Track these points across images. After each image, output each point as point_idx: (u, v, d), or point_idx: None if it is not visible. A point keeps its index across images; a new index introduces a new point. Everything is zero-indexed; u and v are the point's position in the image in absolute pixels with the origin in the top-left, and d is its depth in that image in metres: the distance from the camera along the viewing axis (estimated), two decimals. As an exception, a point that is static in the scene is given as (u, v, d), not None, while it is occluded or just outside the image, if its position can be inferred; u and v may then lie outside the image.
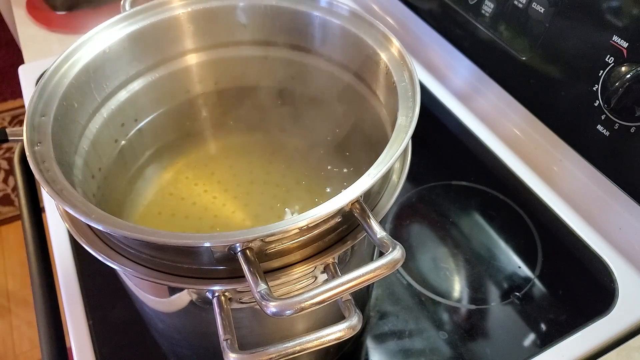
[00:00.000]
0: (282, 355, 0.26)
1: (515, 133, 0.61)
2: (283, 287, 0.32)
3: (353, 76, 0.45)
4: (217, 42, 0.48)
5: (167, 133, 0.49)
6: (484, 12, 0.59)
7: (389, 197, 0.34)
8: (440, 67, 0.71)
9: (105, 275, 0.51)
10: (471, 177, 0.62)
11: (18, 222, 1.58)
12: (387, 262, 0.27)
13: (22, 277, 1.47)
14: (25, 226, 0.56)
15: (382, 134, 0.42)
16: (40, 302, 0.49)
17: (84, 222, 0.33)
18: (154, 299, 0.37)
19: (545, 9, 0.51)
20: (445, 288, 0.52)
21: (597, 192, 0.53)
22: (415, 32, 0.75)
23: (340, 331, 0.27)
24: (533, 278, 0.52)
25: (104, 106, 0.43)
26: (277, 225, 0.27)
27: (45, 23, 0.84)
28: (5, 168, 1.75)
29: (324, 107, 0.49)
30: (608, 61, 0.46)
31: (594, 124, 0.48)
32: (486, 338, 0.48)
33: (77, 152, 0.39)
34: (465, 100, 0.67)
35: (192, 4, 0.45)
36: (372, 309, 0.50)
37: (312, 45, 0.46)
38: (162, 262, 0.31)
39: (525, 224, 0.57)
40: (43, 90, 0.36)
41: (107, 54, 0.41)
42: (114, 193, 0.44)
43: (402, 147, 0.31)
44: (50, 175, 0.31)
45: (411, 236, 0.56)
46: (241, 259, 0.28)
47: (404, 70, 0.37)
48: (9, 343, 1.34)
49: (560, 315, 0.49)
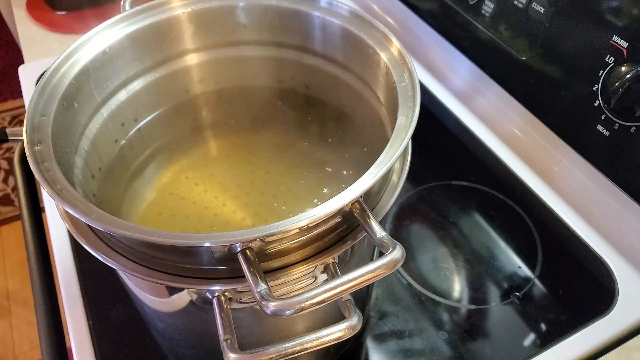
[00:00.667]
0: (282, 355, 0.26)
1: (515, 133, 0.61)
2: (283, 287, 0.32)
3: (353, 76, 0.45)
4: (217, 42, 0.48)
5: (167, 133, 0.49)
6: (484, 12, 0.59)
7: (389, 197, 0.34)
8: (440, 67, 0.71)
9: (105, 275, 0.51)
10: (471, 177, 0.62)
11: (18, 222, 1.58)
12: (387, 262, 0.27)
13: (22, 277, 1.47)
14: (25, 226, 0.56)
15: (382, 134, 0.42)
16: (40, 302, 0.49)
17: (84, 222, 0.33)
18: (154, 299, 0.37)
19: (545, 9, 0.51)
20: (445, 288, 0.52)
21: (597, 192, 0.53)
22: (415, 32, 0.75)
23: (340, 331, 0.27)
24: (533, 278, 0.52)
25: (104, 106, 0.43)
26: (277, 225, 0.27)
27: (45, 23, 0.84)
28: (5, 168, 1.75)
29: (324, 107, 0.49)
30: (608, 61, 0.46)
31: (594, 124, 0.48)
32: (486, 338, 0.48)
33: (77, 152, 0.39)
34: (465, 100, 0.67)
35: (192, 4, 0.45)
36: (372, 309, 0.50)
37: (312, 45, 0.46)
38: (162, 262, 0.31)
39: (525, 224, 0.57)
40: (43, 90, 0.36)
41: (107, 54, 0.41)
42: (114, 193, 0.44)
43: (402, 147, 0.31)
44: (50, 175, 0.31)
45: (411, 236, 0.56)
46: (241, 259, 0.28)
47: (404, 70, 0.37)
48: (9, 343, 1.34)
49: (560, 315, 0.49)
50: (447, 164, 0.65)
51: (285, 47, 0.48)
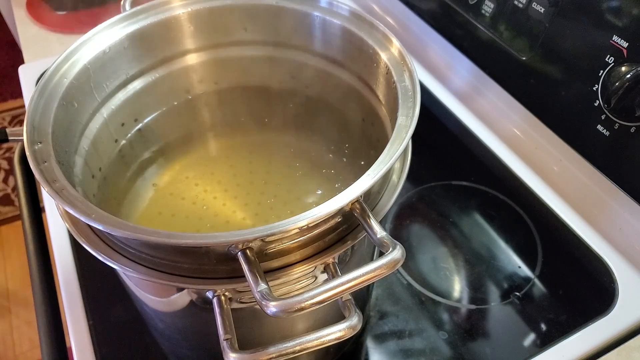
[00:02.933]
0: (282, 355, 0.26)
1: (515, 133, 0.61)
2: (283, 287, 0.32)
3: (353, 76, 0.45)
4: (217, 42, 0.48)
5: (167, 133, 0.49)
6: (484, 12, 0.59)
7: (389, 197, 0.34)
8: (440, 67, 0.71)
9: (105, 275, 0.51)
10: (471, 177, 0.62)
11: (18, 222, 1.58)
12: (387, 262, 0.27)
13: (22, 277, 1.47)
14: (25, 226, 0.56)
15: (382, 134, 0.42)
16: (40, 302, 0.49)
17: (84, 222, 0.33)
18: (154, 299, 0.37)
19: (545, 9, 0.51)
20: (445, 288, 0.52)
21: (597, 192, 0.53)
22: (415, 32, 0.75)
23: (340, 331, 0.27)
24: (533, 278, 0.52)
25: (104, 106, 0.43)
26: (277, 225, 0.27)
27: (45, 23, 0.84)
28: (5, 168, 1.75)
29: (324, 107, 0.49)
30: (608, 61, 0.46)
31: (594, 124, 0.48)
32: (486, 338, 0.48)
33: (77, 152, 0.39)
34: (465, 100, 0.67)
35: (192, 4, 0.45)
36: (372, 308, 0.50)
37: (312, 45, 0.46)
38: (162, 262, 0.31)
39: (525, 224, 0.57)
40: (43, 90, 0.36)
41: (107, 54, 0.41)
42: (114, 193, 0.44)
43: (402, 147, 0.31)
44: (50, 175, 0.31)
45: (411, 236, 0.56)
46: (241, 259, 0.28)
47: (404, 70, 0.37)
48: (9, 343, 1.34)
49: (560, 315, 0.49)
50: (447, 164, 0.65)
51: (285, 47, 0.48)
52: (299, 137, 0.50)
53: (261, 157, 0.49)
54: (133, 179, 0.47)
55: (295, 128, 0.50)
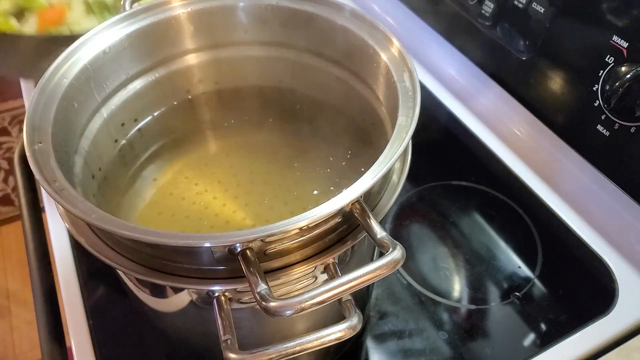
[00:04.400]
0: (282, 355, 0.26)
1: (515, 133, 0.61)
2: (283, 287, 0.32)
3: (353, 76, 0.45)
4: (217, 42, 0.48)
5: (167, 133, 0.49)
6: (484, 12, 0.59)
7: (389, 197, 0.34)
8: (440, 67, 0.71)
9: (105, 275, 0.51)
10: (471, 177, 0.62)
11: (18, 222, 1.58)
12: (387, 262, 0.27)
13: (22, 277, 1.47)
14: (25, 226, 0.56)
15: (382, 134, 0.42)
16: (40, 302, 0.49)
17: (84, 222, 0.33)
18: (154, 299, 0.37)
19: (545, 9, 0.51)
20: (445, 288, 0.52)
21: (597, 192, 0.53)
22: (415, 32, 0.75)
23: (340, 331, 0.27)
24: (533, 278, 0.52)
25: (104, 106, 0.43)
26: (277, 225, 0.27)
27: (45, 23, 0.84)
28: (5, 168, 1.75)
29: (324, 107, 0.49)
30: (608, 61, 0.46)
31: (594, 124, 0.48)
32: (486, 338, 0.48)
33: (77, 152, 0.39)
34: (465, 100, 0.67)
35: (192, 4, 0.45)
36: (372, 309, 0.50)
37: (312, 45, 0.46)
38: (162, 262, 0.31)
39: (525, 224, 0.57)
40: (43, 90, 0.36)
41: (107, 54, 0.41)
42: (114, 193, 0.44)
43: (402, 147, 0.31)
44: (50, 175, 0.31)
45: (411, 236, 0.56)
46: (241, 259, 0.28)
47: (404, 70, 0.37)
48: (9, 343, 1.34)
49: (560, 315, 0.49)
50: (447, 164, 0.65)
51: (285, 47, 0.48)
52: (299, 137, 0.50)
53: (261, 157, 0.49)
54: (133, 179, 0.47)
55: (295, 128, 0.50)
